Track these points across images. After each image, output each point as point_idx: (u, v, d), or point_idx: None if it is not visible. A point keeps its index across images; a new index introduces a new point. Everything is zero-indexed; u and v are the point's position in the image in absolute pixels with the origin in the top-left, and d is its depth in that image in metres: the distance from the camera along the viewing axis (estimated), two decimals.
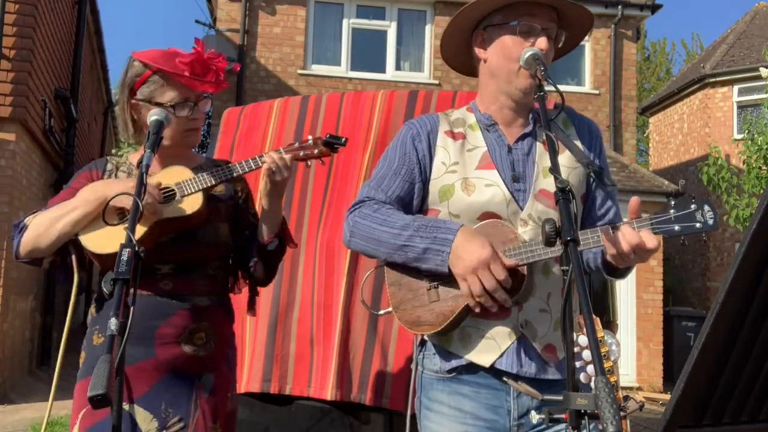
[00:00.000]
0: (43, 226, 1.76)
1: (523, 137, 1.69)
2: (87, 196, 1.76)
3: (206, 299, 1.86)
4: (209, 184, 1.81)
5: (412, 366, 1.76)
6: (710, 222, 1.41)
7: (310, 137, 1.88)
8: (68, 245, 1.81)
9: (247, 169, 1.85)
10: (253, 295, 2.06)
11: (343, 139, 1.87)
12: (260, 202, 1.94)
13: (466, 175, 1.64)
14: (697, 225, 1.41)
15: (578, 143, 1.69)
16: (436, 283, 1.60)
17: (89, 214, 1.75)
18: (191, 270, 1.84)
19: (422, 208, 1.72)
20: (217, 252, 1.89)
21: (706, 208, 1.42)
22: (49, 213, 1.79)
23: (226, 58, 1.94)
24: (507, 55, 1.64)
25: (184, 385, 1.79)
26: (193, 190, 1.79)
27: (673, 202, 1.44)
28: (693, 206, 1.42)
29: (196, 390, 1.80)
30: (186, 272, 1.83)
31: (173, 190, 1.79)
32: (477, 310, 1.52)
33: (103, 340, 1.80)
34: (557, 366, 1.61)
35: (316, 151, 1.86)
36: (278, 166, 1.81)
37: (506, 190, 1.60)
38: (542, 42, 1.61)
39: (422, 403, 1.69)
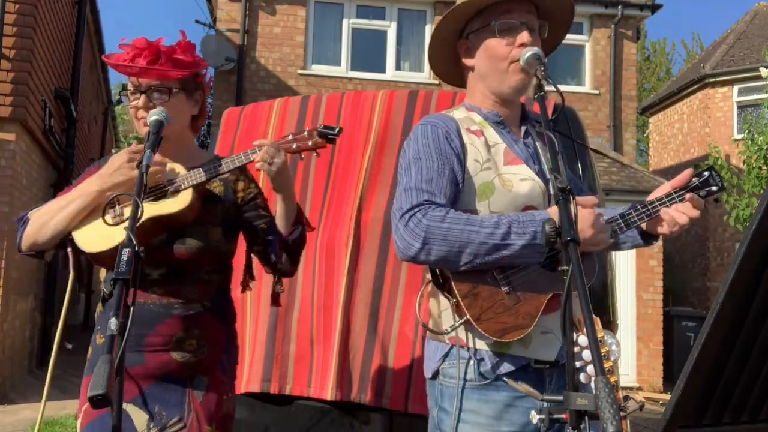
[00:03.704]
0: (42, 219, 1.79)
1: (526, 134, 1.71)
2: (84, 188, 1.79)
3: (198, 306, 1.82)
4: (199, 180, 1.79)
5: (430, 374, 1.67)
6: (720, 184, 1.67)
7: (306, 129, 1.84)
8: (66, 241, 1.81)
9: (237, 164, 1.81)
10: (277, 288, 2.03)
11: (337, 129, 1.81)
12: (273, 198, 1.92)
13: (499, 172, 1.62)
14: (714, 188, 1.65)
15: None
16: (512, 286, 1.57)
17: (87, 206, 1.77)
18: (182, 275, 1.81)
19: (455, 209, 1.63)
20: (206, 256, 1.84)
21: (714, 172, 1.69)
22: (48, 206, 1.82)
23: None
24: (493, 57, 1.66)
25: (176, 389, 1.79)
26: (184, 186, 1.78)
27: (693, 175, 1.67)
28: (706, 173, 1.67)
29: (189, 393, 1.80)
30: (176, 278, 1.80)
31: (165, 186, 1.79)
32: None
33: (104, 341, 1.80)
34: None
35: (310, 142, 1.81)
36: (265, 160, 1.77)
37: (541, 183, 1.62)
38: (524, 36, 1.62)
39: (451, 413, 1.61)
